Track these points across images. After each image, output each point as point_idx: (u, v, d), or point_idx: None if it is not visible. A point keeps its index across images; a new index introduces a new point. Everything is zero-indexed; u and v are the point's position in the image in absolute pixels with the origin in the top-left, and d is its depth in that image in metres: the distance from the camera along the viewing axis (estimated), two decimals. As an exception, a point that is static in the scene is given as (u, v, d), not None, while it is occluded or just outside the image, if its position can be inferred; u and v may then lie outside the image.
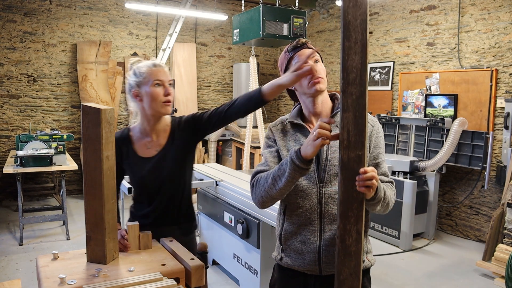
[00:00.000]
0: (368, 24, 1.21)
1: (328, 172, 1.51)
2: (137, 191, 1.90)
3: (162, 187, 1.84)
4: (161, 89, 1.76)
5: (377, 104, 5.87)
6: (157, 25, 6.95)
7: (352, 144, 1.23)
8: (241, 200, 3.14)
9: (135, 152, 1.85)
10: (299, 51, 1.57)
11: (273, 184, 1.43)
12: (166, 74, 1.80)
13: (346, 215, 1.27)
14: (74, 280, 1.34)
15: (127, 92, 1.85)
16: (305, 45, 1.59)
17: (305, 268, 1.54)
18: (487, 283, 3.70)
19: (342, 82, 1.22)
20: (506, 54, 4.48)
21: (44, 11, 6.11)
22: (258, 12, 3.58)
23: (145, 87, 1.76)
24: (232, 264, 3.44)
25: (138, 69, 1.78)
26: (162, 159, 1.83)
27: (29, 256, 4.02)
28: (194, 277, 1.47)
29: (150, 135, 1.85)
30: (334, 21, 6.87)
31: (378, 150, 1.56)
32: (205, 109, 7.54)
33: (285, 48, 1.64)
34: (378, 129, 1.58)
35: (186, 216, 1.94)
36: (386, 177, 1.58)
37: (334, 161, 1.51)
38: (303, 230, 1.54)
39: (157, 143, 1.85)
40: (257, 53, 7.87)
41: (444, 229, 5.19)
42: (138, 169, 1.84)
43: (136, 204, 1.94)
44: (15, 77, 6.03)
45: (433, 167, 4.62)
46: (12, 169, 4.23)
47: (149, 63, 1.79)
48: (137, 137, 1.87)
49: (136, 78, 1.78)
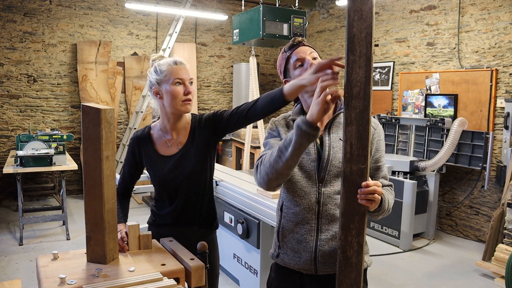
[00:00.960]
0: (373, 36, 1.20)
1: (329, 173, 1.51)
2: (158, 190, 1.89)
3: (182, 185, 1.83)
4: (182, 87, 1.75)
5: (377, 104, 5.88)
6: (157, 25, 6.95)
7: (355, 158, 1.23)
8: (241, 200, 3.14)
9: (156, 150, 1.85)
10: (296, 49, 1.57)
11: (279, 156, 1.36)
12: (187, 72, 1.78)
13: (348, 227, 1.27)
14: (74, 280, 1.34)
15: (148, 89, 1.84)
16: (301, 43, 1.59)
17: (300, 267, 1.54)
18: (487, 283, 3.70)
19: (346, 96, 1.21)
20: (506, 54, 4.48)
21: (44, 11, 6.11)
22: (258, 12, 3.58)
23: (165, 85, 1.75)
24: (232, 264, 3.44)
25: (159, 67, 1.77)
26: (183, 157, 1.82)
27: (29, 256, 4.02)
28: (194, 277, 1.47)
29: (171, 133, 1.84)
30: (334, 21, 6.87)
31: (380, 153, 1.56)
32: (205, 109, 7.55)
33: (282, 49, 1.63)
34: (380, 132, 1.58)
35: (207, 215, 1.93)
36: (386, 180, 1.59)
37: (335, 161, 1.50)
38: (300, 229, 1.54)
39: (177, 141, 1.85)
40: (257, 53, 7.87)
41: (444, 229, 5.19)
42: (159, 167, 1.83)
43: (157, 203, 1.94)
44: (15, 77, 6.04)
45: (433, 167, 4.62)
46: (12, 169, 4.23)
47: (170, 61, 1.77)
48: (157, 135, 1.87)
49: (156, 76, 1.77)
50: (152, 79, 1.78)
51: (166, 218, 1.88)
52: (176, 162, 1.82)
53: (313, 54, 1.56)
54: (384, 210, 1.43)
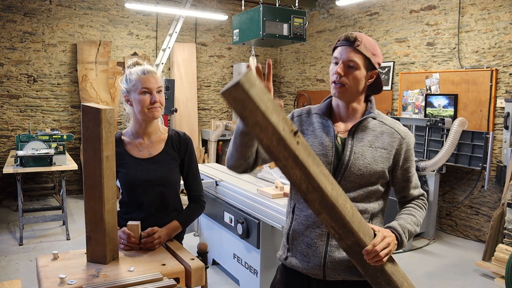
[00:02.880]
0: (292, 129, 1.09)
1: (346, 179, 1.45)
2: (126, 192, 1.90)
3: (152, 189, 1.86)
4: (148, 96, 1.81)
5: (377, 104, 5.76)
6: (157, 25, 6.95)
7: (343, 236, 1.24)
8: (241, 200, 3.14)
9: (127, 151, 1.89)
10: (342, 46, 1.47)
11: (235, 137, 1.37)
12: (156, 81, 1.84)
13: (376, 282, 1.33)
14: (74, 280, 1.34)
15: (122, 95, 1.93)
16: (352, 44, 1.44)
17: (309, 271, 1.49)
18: (487, 283, 3.69)
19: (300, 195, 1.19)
20: (506, 54, 4.48)
21: (44, 11, 6.11)
22: (258, 12, 3.58)
23: (134, 93, 1.83)
24: (232, 264, 3.44)
25: (129, 75, 1.85)
26: (156, 162, 1.88)
27: (29, 256, 4.02)
28: (194, 277, 1.47)
29: (142, 137, 1.91)
30: (334, 21, 6.87)
31: (409, 163, 1.52)
32: (205, 109, 7.55)
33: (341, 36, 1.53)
34: (409, 142, 1.51)
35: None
36: (417, 189, 1.55)
37: (354, 168, 1.44)
38: (310, 233, 1.49)
39: (149, 145, 1.91)
40: (257, 53, 7.87)
41: (444, 229, 5.19)
42: (131, 168, 1.86)
43: (123, 206, 1.95)
44: (15, 77, 6.04)
45: (433, 167, 4.62)
46: (12, 169, 4.23)
47: (139, 70, 1.83)
48: (129, 139, 1.93)
49: (126, 85, 1.86)
50: (123, 88, 1.88)
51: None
52: (148, 165, 1.87)
53: (353, 61, 1.43)
54: (405, 242, 1.41)
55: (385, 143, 1.49)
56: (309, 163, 1.10)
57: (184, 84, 7.07)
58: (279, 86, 8.25)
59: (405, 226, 1.43)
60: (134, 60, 1.91)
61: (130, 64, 1.89)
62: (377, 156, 1.46)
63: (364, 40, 1.44)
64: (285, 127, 1.05)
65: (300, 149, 1.09)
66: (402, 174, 1.51)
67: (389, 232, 1.37)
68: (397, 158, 1.49)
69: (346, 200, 1.21)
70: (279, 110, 1.05)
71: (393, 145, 1.49)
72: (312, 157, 1.12)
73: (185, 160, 1.94)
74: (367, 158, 1.45)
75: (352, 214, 1.22)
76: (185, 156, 1.94)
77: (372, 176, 1.45)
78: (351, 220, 1.20)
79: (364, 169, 1.44)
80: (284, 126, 1.05)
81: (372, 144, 1.48)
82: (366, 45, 1.44)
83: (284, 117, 1.07)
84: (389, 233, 1.35)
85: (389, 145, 1.49)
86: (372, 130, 1.51)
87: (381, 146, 1.48)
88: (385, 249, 1.28)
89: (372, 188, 1.47)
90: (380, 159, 1.47)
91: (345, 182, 1.45)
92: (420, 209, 1.53)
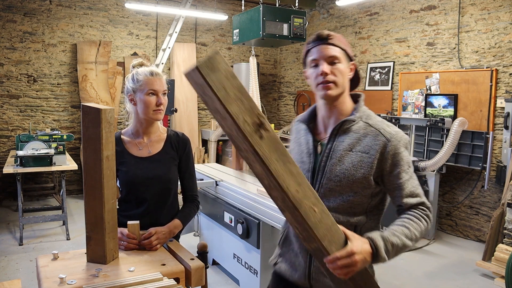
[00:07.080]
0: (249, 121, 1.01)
1: (323, 186, 1.35)
2: (126, 190, 1.92)
3: (152, 187, 1.88)
4: (154, 98, 1.84)
5: (377, 104, 5.87)
6: (157, 25, 6.95)
7: (306, 239, 1.17)
8: (241, 200, 3.14)
9: (127, 150, 1.91)
10: (317, 46, 1.37)
11: None
12: (162, 83, 1.86)
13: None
14: (74, 280, 1.34)
15: (124, 93, 1.93)
16: (325, 40, 1.36)
17: (295, 280, 1.46)
18: (487, 283, 3.69)
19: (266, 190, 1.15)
20: (506, 54, 4.48)
21: (44, 11, 6.11)
22: (258, 12, 3.58)
23: (140, 94, 1.84)
24: (232, 264, 3.44)
25: (137, 75, 1.86)
26: (155, 161, 1.90)
27: (29, 256, 4.02)
28: (194, 277, 1.47)
29: (142, 137, 1.94)
30: (334, 21, 6.87)
31: (398, 169, 1.32)
32: (205, 109, 7.55)
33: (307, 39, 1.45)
34: (397, 144, 1.32)
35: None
36: (414, 197, 1.33)
37: (331, 175, 1.34)
38: (296, 242, 1.45)
39: (148, 145, 1.92)
40: (257, 53, 7.87)
41: (444, 229, 5.19)
42: (131, 166, 1.88)
43: (122, 204, 1.96)
44: (15, 77, 6.03)
45: (433, 167, 4.62)
46: (12, 169, 4.23)
47: (147, 71, 1.85)
48: (129, 139, 1.94)
49: (133, 84, 1.86)
50: (129, 87, 1.88)
51: (131, 220, 1.86)
52: (148, 164, 1.89)
53: (334, 56, 1.35)
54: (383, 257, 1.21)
55: (367, 146, 1.33)
56: (271, 159, 1.02)
57: (184, 84, 7.07)
58: (279, 86, 8.25)
59: (389, 239, 1.24)
60: (140, 61, 1.92)
61: (135, 63, 1.91)
62: (356, 161, 1.32)
63: (335, 34, 1.39)
64: (247, 118, 0.97)
65: (262, 143, 1.00)
66: (391, 181, 1.33)
67: (365, 244, 1.19)
68: (382, 163, 1.32)
69: (315, 204, 1.09)
70: (245, 99, 0.96)
71: (376, 148, 1.32)
72: (279, 154, 1.03)
73: (183, 159, 1.96)
74: (345, 164, 1.33)
75: (320, 219, 1.10)
76: (183, 156, 1.96)
77: (352, 184, 1.32)
78: (315, 226, 1.09)
79: (342, 176, 1.32)
80: (246, 118, 0.97)
81: (353, 147, 1.34)
82: (338, 38, 1.38)
83: (250, 108, 0.97)
84: (363, 247, 1.17)
85: (371, 148, 1.32)
86: (355, 133, 1.36)
87: (362, 150, 1.33)
88: (347, 268, 1.14)
89: (355, 198, 1.33)
90: (360, 164, 1.32)
91: (323, 189, 1.35)
92: (417, 221, 1.31)
